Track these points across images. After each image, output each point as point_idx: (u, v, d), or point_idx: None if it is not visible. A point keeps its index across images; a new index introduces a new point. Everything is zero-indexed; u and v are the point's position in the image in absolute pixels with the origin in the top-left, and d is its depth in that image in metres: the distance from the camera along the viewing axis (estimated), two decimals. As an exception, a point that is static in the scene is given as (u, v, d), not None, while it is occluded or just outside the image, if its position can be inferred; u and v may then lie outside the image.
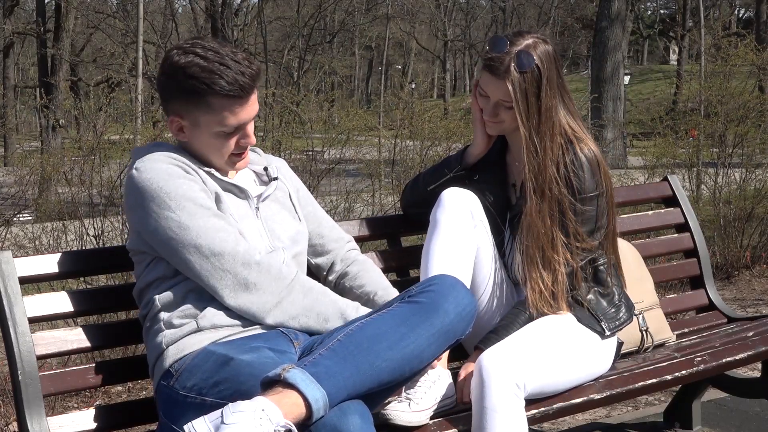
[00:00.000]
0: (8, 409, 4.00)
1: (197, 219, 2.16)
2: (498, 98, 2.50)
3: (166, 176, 2.19)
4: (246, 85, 2.21)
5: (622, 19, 19.21)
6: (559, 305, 2.47)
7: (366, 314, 2.15)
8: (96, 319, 3.94)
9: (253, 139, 2.31)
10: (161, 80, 2.29)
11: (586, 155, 2.50)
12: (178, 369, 2.13)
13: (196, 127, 2.26)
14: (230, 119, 2.23)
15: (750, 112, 7.61)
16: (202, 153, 2.30)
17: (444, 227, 2.51)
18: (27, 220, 6.41)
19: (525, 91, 2.45)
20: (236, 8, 27.25)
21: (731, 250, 6.90)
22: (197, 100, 2.22)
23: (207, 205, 2.19)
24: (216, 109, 2.22)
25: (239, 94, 2.21)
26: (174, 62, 2.23)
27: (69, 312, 2.41)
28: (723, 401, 3.83)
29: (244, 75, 2.21)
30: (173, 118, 2.28)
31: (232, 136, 2.27)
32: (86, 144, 6.12)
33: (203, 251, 2.15)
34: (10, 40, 26.58)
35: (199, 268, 2.16)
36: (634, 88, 33.49)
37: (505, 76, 2.44)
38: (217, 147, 2.28)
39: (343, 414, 1.87)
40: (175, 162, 2.23)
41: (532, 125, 2.47)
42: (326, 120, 7.92)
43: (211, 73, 2.19)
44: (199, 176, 2.26)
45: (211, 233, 2.16)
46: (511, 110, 2.49)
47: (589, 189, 2.50)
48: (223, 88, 2.19)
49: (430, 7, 40.56)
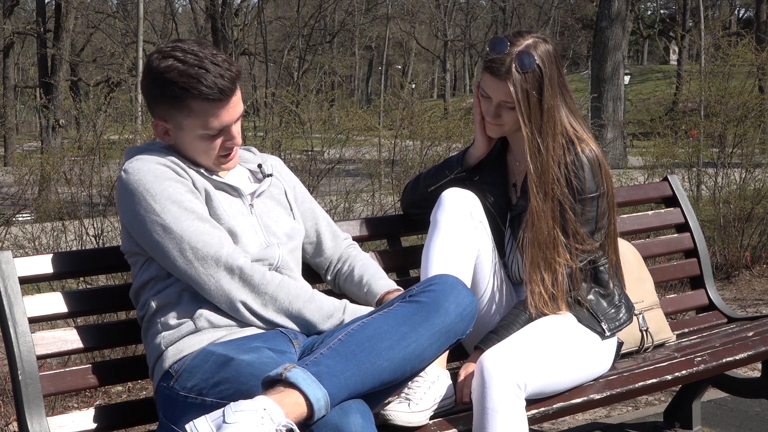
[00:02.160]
0: (8, 409, 4.00)
1: (181, 222, 2.16)
2: (500, 99, 2.49)
3: (153, 178, 2.19)
4: (226, 88, 2.20)
5: (622, 19, 19.22)
6: (558, 305, 2.47)
7: (366, 314, 2.15)
8: (96, 319, 3.94)
9: (238, 140, 2.30)
10: (144, 84, 2.29)
11: (587, 156, 2.50)
12: (178, 370, 2.13)
13: (180, 130, 2.26)
14: (213, 122, 2.23)
15: (749, 112, 7.61)
16: (189, 155, 2.31)
17: (444, 228, 2.51)
18: (26, 220, 6.40)
19: (527, 92, 2.44)
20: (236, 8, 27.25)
21: (731, 250, 6.90)
22: (179, 105, 2.22)
23: (192, 207, 2.18)
24: (198, 113, 2.22)
25: (219, 97, 2.20)
26: (154, 67, 2.22)
27: (69, 312, 2.41)
28: (723, 401, 3.83)
29: (224, 78, 2.20)
30: (158, 122, 2.28)
31: (216, 138, 2.27)
32: (86, 144, 6.12)
33: (187, 255, 2.15)
34: (10, 40, 26.58)
35: (185, 271, 2.17)
36: (634, 88, 33.49)
37: (507, 77, 2.44)
38: (203, 149, 2.28)
39: (345, 413, 1.88)
40: (164, 163, 2.23)
41: (535, 125, 2.46)
42: (326, 120, 7.92)
43: (189, 77, 2.18)
44: (189, 176, 2.26)
45: (194, 237, 2.16)
46: (512, 111, 2.49)
47: (590, 190, 2.50)
48: (202, 93, 2.18)
49: (430, 7, 40.57)
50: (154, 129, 2.31)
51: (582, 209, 2.49)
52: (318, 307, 2.24)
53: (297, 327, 2.23)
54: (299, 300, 2.23)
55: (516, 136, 2.60)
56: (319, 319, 2.23)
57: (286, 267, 2.33)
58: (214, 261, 2.16)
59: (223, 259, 2.16)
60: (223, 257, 2.17)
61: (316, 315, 2.23)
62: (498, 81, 2.47)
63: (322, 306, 2.24)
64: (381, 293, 2.45)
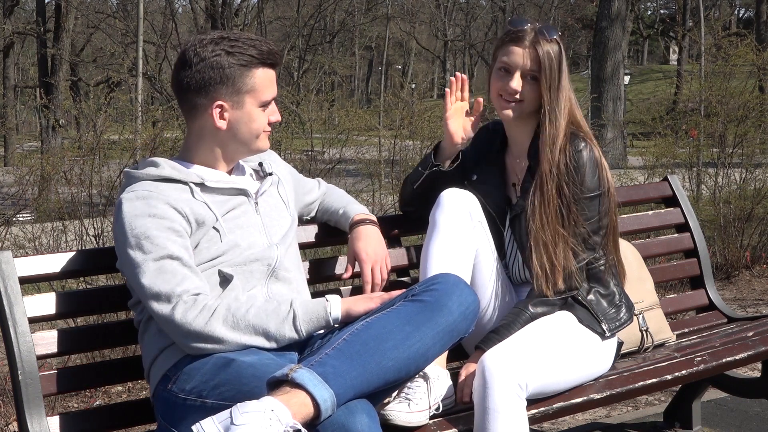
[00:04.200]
0: (8, 409, 4.00)
1: (148, 260, 2.13)
2: (526, 67, 2.53)
3: (134, 216, 2.17)
4: (279, 57, 2.31)
5: (622, 19, 19.20)
6: (558, 287, 2.48)
7: (369, 313, 2.14)
8: (96, 319, 3.93)
9: (279, 115, 2.38)
10: (188, 75, 2.26)
11: (588, 154, 2.51)
12: (175, 372, 2.13)
13: (240, 105, 2.28)
14: (269, 90, 2.31)
15: (750, 112, 7.61)
16: (242, 136, 2.31)
17: (443, 228, 2.52)
18: (27, 220, 6.40)
19: (551, 59, 2.52)
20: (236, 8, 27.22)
21: (731, 250, 6.89)
22: (245, 73, 2.25)
23: (163, 244, 2.14)
24: (259, 82, 2.28)
25: (276, 61, 2.30)
26: (211, 50, 2.25)
27: (69, 312, 2.42)
28: (723, 401, 3.83)
29: (272, 47, 2.30)
30: (216, 104, 2.27)
31: (266, 108, 2.32)
32: (86, 144, 6.11)
33: (146, 293, 2.13)
34: (10, 40, 26.57)
35: (150, 309, 2.14)
36: (634, 88, 33.48)
37: (534, 43, 2.52)
38: (258, 123, 2.31)
39: (351, 413, 1.88)
40: (151, 194, 2.21)
41: (554, 97, 2.51)
42: (326, 120, 7.92)
43: (249, 46, 2.26)
44: (190, 187, 2.25)
45: (155, 275, 2.12)
46: (534, 84, 2.53)
47: (591, 188, 2.50)
48: (263, 57, 2.27)
49: (430, 7, 40.55)
50: (211, 116, 2.28)
51: (583, 207, 2.50)
52: (274, 311, 2.15)
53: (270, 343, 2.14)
54: (259, 334, 2.12)
55: (519, 129, 2.62)
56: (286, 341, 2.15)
57: (281, 267, 2.33)
58: (166, 299, 2.11)
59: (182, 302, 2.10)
60: (181, 297, 2.10)
61: (273, 321, 2.13)
62: (523, 49, 2.52)
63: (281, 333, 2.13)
64: (353, 216, 2.61)
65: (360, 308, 2.17)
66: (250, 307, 2.13)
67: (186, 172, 2.28)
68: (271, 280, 2.30)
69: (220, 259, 2.23)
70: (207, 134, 2.31)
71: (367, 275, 2.51)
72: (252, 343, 2.10)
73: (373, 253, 2.53)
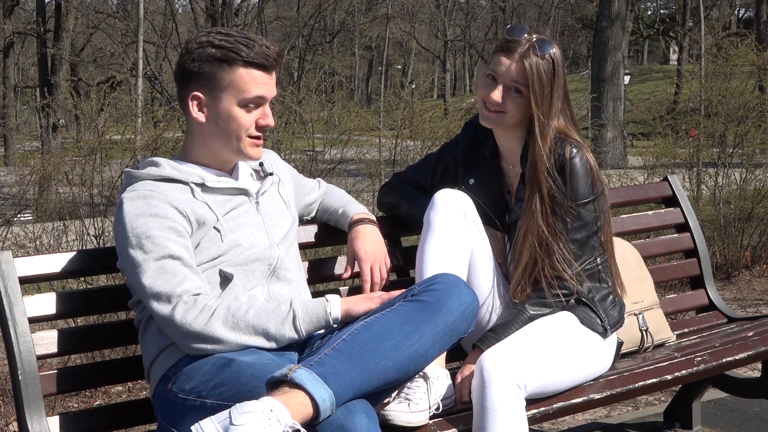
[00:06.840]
0: (8, 409, 4.00)
1: (148, 259, 2.13)
2: (510, 80, 2.49)
3: (135, 215, 2.18)
4: (271, 59, 2.27)
5: (622, 19, 19.20)
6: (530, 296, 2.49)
7: (368, 314, 2.14)
8: (96, 319, 3.94)
9: (272, 120, 2.33)
10: (179, 64, 2.30)
11: (579, 160, 2.48)
12: (175, 372, 2.13)
13: (216, 101, 2.26)
14: (253, 89, 2.26)
15: (750, 112, 7.61)
16: (223, 136, 2.29)
17: (437, 228, 2.51)
18: (27, 220, 6.40)
19: (540, 74, 2.46)
20: (236, 8, 27.22)
21: (731, 250, 6.89)
22: (225, 69, 2.23)
23: (164, 244, 2.14)
24: (242, 77, 2.24)
25: (265, 63, 2.26)
26: (200, 41, 2.26)
27: (69, 312, 2.42)
28: (723, 401, 3.83)
29: (269, 49, 2.27)
30: (192, 94, 2.27)
31: (252, 110, 2.28)
32: (87, 144, 6.11)
33: (146, 293, 2.13)
34: (10, 40, 26.59)
35: (151, 308, 2.14)
36: (634, 88, 33.46)
37: (524, 56, 2.47)
38: (238, 123, 2.27)
39: (350, 413, 1.88)
40: (152, 194, 2.21)
41: (545, 111, 2.48)
42: (327, 120, 7.92)
43: (237, 43, 2.24)
44: (190, 187, 2.26)
45: (155, 275, 2.12)
46: (518, 97, 2.49)
47: (585, 195, 2.49)
48: (249, 56, 2.24)
49: (430, 7, 40.54)
50: (189, 107, 2.29)
51: (576, 214, 2.48)
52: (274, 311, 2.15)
53: (270, 343, 2.13)
54: (259, 333, 2.12)
55: (507, 136, 2.61)
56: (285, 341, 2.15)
57: (282, 267, 2.33)
58: (166, 298, 2.11)
59: (182, 300, 2.10)
60: (181, 297, 2.10)
61: (273, 321, 2.13)
62: (512, 61, 2.48)
63: (280, 333, 2.13)
64: (352, 215, 2.61)
65: (360, 308, 2.17)
66: (249, 307, 2.13)
67: (187, 172, 2.28)
68: (272, 280, 2.30)
69: (221, 259, 2.24)
70: (194, 129, 2.32)
71: (366, 274, 2.51)
72: (252, 344, 2.11)
73: (372, 252, 2.53)
